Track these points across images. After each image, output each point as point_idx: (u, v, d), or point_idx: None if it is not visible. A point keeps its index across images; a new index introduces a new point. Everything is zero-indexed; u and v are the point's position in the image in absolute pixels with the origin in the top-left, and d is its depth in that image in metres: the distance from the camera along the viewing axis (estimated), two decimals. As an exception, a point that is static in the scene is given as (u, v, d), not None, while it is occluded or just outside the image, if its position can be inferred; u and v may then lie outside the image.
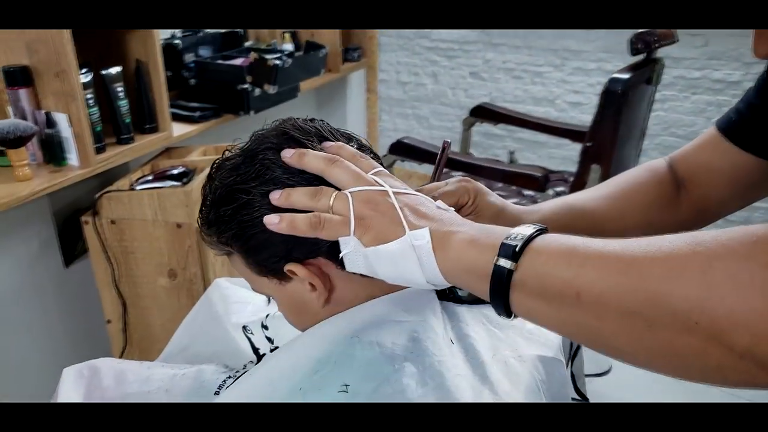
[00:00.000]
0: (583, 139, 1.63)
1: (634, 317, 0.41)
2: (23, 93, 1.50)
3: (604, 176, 1.58)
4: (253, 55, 2.05)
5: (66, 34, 1.42)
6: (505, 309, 0.48)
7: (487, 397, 0.56)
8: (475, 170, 1.78)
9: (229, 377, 0.79)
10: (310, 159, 0.58)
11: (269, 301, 0.68)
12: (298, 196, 0.57)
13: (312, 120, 0.64)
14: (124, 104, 1.65)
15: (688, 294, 0.38)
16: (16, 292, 1.67)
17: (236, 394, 0.61)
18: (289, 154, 0.58)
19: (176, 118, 1.92)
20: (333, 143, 0.62)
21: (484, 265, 0.47)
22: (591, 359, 0.99)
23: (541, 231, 0.49)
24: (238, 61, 2.11)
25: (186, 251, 1.57)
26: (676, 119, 2.58)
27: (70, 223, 1.77)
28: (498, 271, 0.47)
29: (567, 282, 0.43)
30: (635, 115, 1.72)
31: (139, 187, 1.60)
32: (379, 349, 0.58)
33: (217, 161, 0.64)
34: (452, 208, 0.57)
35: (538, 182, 1.64)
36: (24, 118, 1.51)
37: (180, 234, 1.55)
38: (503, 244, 0.47)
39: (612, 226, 0.78)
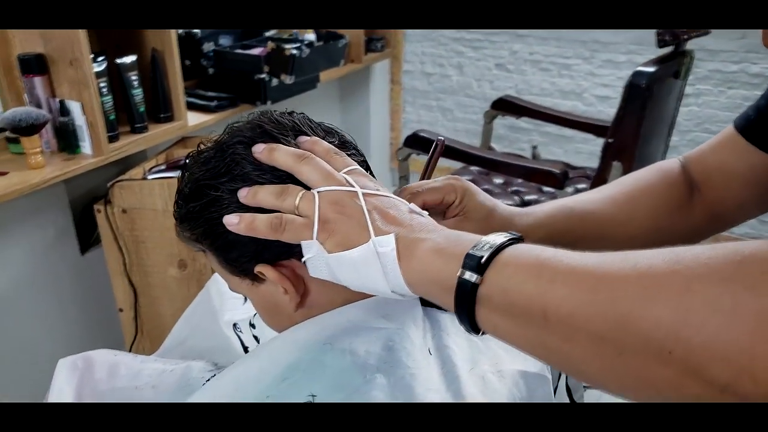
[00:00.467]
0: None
1: (603, 342, 0.36)
2: (38, 81, 1.51)
3: (627, 174, 1.52)
4: (270, 45, 2.03)
5: (79, 22, 1.42)
6: (471, 324, 0.44)
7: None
8: (492, 165, 1.73)
9: (214, 375, 0.78)
10: (279, 154, 0.55)
11: (245, 300, 0.65)
12: (264, 194, 0.54)
13: (291, 113, 0.61)
14: (138, 93, 1.64)
15: (662, 319, 0.34)
16: (32, 279, 1.69)
17: (203, 398, 0.59)
18: (259, 149, 0.55)
19: (193, 107, 1.92)
20: (308, 138, 0.58)
21: (449, 277, 0.44)
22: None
23: (514, 240, 0.44)
24: (256, 51, 2.09)
25: (196, 242, 1.56)
26: (710, 115, 2.48)
27: (88, 211, 1.78)
28: (462, 284, 0.43)
29: (533, 298, 0.39)
30: (661, 110, 1.65)
31: (150, 177, 1.60)
32: (351, 358, 0.55)
33: (191, 153, 0.61)
34: (426, 212, 0.54)
35: (557, 179, 1.58)
36: (39, 106, 1.52)
37: (190, 224, 1.54)
38: (468, 255, 0.43)
39: (618, 231, 0.73)
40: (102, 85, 1.53)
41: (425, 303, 0.66)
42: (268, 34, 2.38)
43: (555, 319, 0.38)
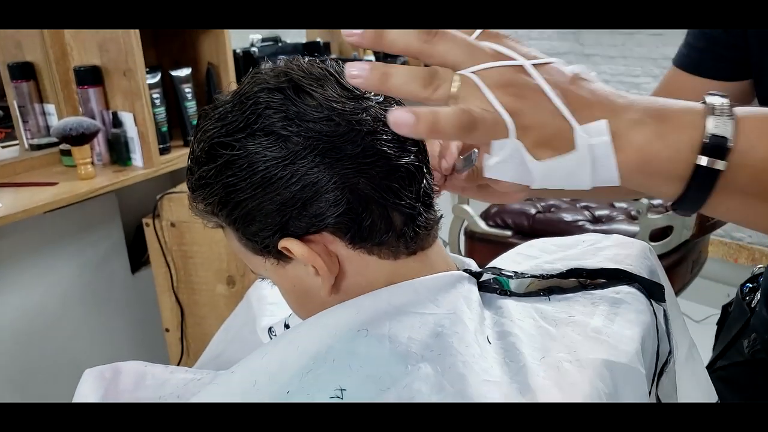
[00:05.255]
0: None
1: None
2: (92, 92, 1.50)
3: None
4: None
5: (134, 33, 1.40)
6: (693, 208, 0.41)
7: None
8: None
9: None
10: (396, 36, 0.39)
11: (272, 285, 0.56)
12: (400, 78, 0.38)
13: (324, 60, 0.53)
14: (191, 105, 1.62)
15: None
16: (82, 294, 1.66)
17: (212, 396, 0.49)
18: (357, 32, 0.39)
19: (247, 124, 1.89)
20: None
21: (680, 166, 0.39)
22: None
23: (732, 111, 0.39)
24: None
25: (244, 257, 1.50)
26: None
27: (141, 230, 1.75)
28: (703, 172, 0.39)
29: None
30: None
31: (200, 190, 1.55)
32: (390, 345, 0.45)
33: (205, 109, 0.53)
34: (594, 73, 0.43)
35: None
36: (93, 117, 1.51)
37: (238, 238, 1.49)
38: (713, 138, 0.38)
39: None
40: (155, 96, 1.51)
41: (482, 288, 0.55)
42: (330, 57, 2.35)
43: None
